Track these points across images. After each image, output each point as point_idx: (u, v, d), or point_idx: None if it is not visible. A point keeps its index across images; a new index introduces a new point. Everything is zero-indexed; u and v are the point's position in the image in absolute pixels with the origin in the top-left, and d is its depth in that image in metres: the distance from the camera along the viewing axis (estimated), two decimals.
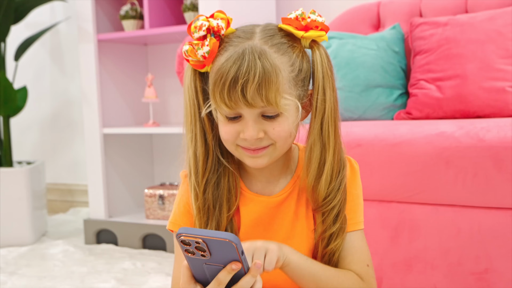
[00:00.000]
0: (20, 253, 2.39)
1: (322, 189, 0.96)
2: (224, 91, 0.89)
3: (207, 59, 0.93)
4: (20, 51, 2.76)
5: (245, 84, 0.87)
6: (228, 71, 0.89)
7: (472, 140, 1.39)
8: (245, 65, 0.88)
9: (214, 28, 0.94)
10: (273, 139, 0.92)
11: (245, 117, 0.91)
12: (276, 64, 0.90)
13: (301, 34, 0.94)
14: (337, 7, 2.43)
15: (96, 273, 2.07)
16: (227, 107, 0.90)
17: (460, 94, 1.80)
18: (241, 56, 0.89)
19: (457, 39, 1.85)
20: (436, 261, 1.46)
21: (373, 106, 1.95)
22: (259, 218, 1.00)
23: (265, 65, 0.88)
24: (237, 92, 0.88)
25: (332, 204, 0.97)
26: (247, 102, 0.88)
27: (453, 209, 1.44)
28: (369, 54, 1.98)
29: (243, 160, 0.96)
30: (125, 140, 2.70)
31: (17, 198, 2.54)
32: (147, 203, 2.49)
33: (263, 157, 0.94)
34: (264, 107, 0.90)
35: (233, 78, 0.88)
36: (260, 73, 0.88)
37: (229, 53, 0.91)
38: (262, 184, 1.01)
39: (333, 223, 0.97)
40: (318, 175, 0.96)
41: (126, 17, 2.53)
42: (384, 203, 1.52)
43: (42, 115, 3.32)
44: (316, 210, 0.98)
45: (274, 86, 0.88)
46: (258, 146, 0.92)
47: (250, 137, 0.91)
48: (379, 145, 1.50)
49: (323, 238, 0.98)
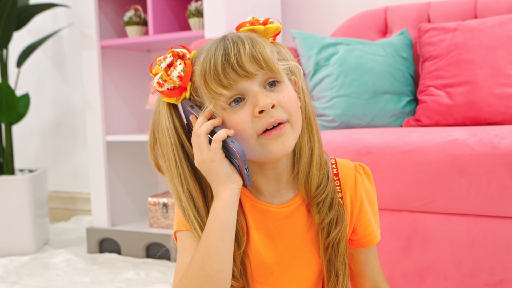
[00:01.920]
0: (22, 262, 2.35)
1: (314, 178, 0.94)
2: (218, 71, 0.85)
3: (184, 79, 0.90)
4: (22, 58, 2.74)
5: (237, 53, 0.85)
6: (214, 53, 0.86)
7: (486, 148, 1.36)
8: (231, 40, 0.87)
9: (179, 53, 0.92)
10: (286, 110, 0.88)
11: (250, 92, 0.87)
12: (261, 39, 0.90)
13: (263, 27, 0.93)
14: (343, 13, 2.40)
15: (99, 283, 2.04)
16: (226, 89, 0.85)
17: (471, 101, 1.77)
18: (222, 40, 0.88)
19: (467, 44, 1.82)
20: (449, 272, 1.43)
21: (381, 113, 1.91)
22: (268, 230, 0.96)
23: (247, 35, 0.88)
24: (232, 65, 0.85)
25: (326, 192, 0.95)
26: (247, 72, 0.85)
27: (466, 219, 1.41)
28: (377, 60, 1.95)
29: (268, 152, 0.89)
30: (129, 147, 2.67)
31: (19, 206, 2.51)
32: (150, 212, 2.46)
33: (287, 136, 0.88)
34: (264, 76, 0.87)
35: (223, 54, 0.85)
36: (249, 43, 0.86)
37: (207, 48, 0.89)
38: (270, 194, 0.97)
39: (329, 210, 0.95)
40: (309, 165, 0.94)
41: (130, 23, 2.51)
42: (395, 212, 1.49)
43: (45, 122, 3.30)
44: (310, 203, 0.96)
45: (267, 48, 0.87)
46: (276, 118, 0.87)
47: (266, 104, 0.85)
48: (389, 152, 1.47)
49: (322, 228, 0.95)
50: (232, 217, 0.88)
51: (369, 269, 1.03)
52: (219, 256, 0.86)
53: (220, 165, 0.88)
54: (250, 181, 0.90)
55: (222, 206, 0.87)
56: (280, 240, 0.96)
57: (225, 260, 0.87)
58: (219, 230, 0.86)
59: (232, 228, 0.88)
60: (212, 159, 0.87)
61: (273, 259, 0.96)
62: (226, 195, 0.88)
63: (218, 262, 0.86)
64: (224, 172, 0.88)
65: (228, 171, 0.88)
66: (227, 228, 0.87)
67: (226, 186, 0.88)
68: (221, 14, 2.13)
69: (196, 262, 0.87)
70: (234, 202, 0.88)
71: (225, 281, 0.87)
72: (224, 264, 0.86)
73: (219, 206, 0.87)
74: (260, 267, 0.95)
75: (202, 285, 0.85)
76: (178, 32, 2.34)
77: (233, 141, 0.88)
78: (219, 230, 0.86)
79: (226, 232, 0.87)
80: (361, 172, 1.00)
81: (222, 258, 0.86)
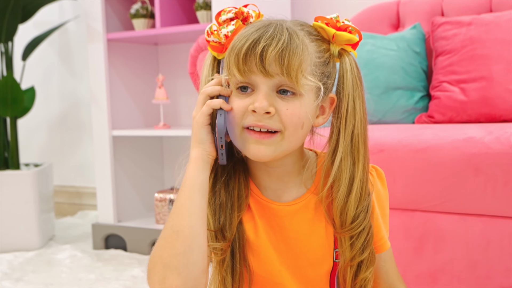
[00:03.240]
0: (27, 258, 2.33)
1: (351, 209, 0.89)
2: (240, 53, 0.82)
3: (229, 40, 0.88)
4: (27, 51, 2.70)
5: (266, 48, 0.81)
6: (249, 34, 0.83)
7: (503, 146, 1.31)
8: (271, 31, 0.82)
9: (244, 13, 0.89)
10: (283, 122, 0.84)
11: (259, 88, 0.84)
12: (305, 41, 0.84)
13: (333, 31, 0.87)
14: (354, 6, 2.35)
15: (104, 281, 2.01)
16: (239, 73, 0.83)
17: (486, 97, 1.72)
18: (267, 24, 0.84)
19: (482, 39, 1.77)
20: (463, 274, 1.38)
21: (393, 109, 1.87)
22: (271, 227, 0.93)
23: (292, 34, 0.83)
24: (255, 55, 0.81)
25: (362, 226, 0.89)
26: (264, 69, 0.81)
27: (481, 219, 1.36)
28: (389, 55, 1.90)
29: (245, 150, 0.87)
30: (135, 142, 2.63)
31: (24, 201, 2.48)
32: (157, 208, 2.43)
33: (268, 146, 0.85)
34: (281, 81, 0.83)
35: (254, 41, 0.82)
36: (285, 41, 0.81)
37: (253, 25, 0.86)
38: (272, 191, 0.94)
39: (363, 249, 0.90)
40: (347, 193, 0.88)
41: (137, 16, 2.47)
42: (408, 212, 1.44)
43: (51, 116, 3.27)
44: (343, 233, 0.90)
45: (298, 58, 0.82)
46: (265, 124, 0.84)
47: (260, 107, 0.83)
48: (402, 150, 1.42)
49: (351, 266, 0.91)
50: (201, 179, 0.86)
51: (383, 272, 1.00)
52: (187, 212, 0.85)
53: (199, 128, 0.87)
54: (223, 159, 0.88)
55: (191, 167, 0.87)
56: (283, 239, 0.93)
57: (193, 217, 0.85)
58: (187, 189, 0.86)
59: (202, 188, 0.86)
60: (197, 120, 0.87)
61: (275, 259, 0.93)
62: (195, 156, 0.87)
63: (186, 219, 0.84)
64: (200, 136, 0.87)
65: (203, 138, 0.87)
66: (196, 187, 0.86)
67: (197, 149, 0.87)
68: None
69: (167, 222, 0.86)
70: (202, 165, 0.87)
71: (195, 236, 0.84)
72: (193, 221, 0.84)
73: (189, 166, 0.87)
74: (267, 262, 0.93)
75: (172, 242, 0.84)
76: (186, 25, 2.30)
77: (221, 114, 0.87)
78: (187, 189, 0.86)
79: (194, 191, 0.85)
80: (374, 174, 0.96)
81: (191, 215, 0.85)
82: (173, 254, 0.83)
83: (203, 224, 0.86)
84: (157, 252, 0.85)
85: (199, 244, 0.84)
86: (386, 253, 0.99)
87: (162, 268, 0.83)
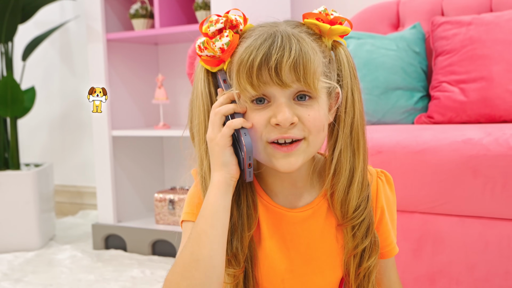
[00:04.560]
0: (27, 259, 2.33)
1: (353, 200, 0.88)
2: (252, 70, 0.80)
3: (225, 53, 0.85)
4: (27, 51, 2.70)
5: (280, 60, 0.79)
6: (258, 48, 0.80)
7: (502, 148, 1.30)
8: (279, 41, 0.80)
9: (233, 22, 0.86)
10: (307, 128, 0.83)
11: (277, 99, 0.82)
12: (312, 44, 0.82)
13: (328, 27, 0.86)
14: (354, 6, 2.34)
15: (103, 281, 2.00)
16: (253, 88, 0.81)
17: (486, 98, 1.71)
18: (272, 35, 0.81)
19: (482, 39, 1.76)
20: (461, 276, 1.38)
21: (393, 109, 1.86)
22: (281, 234, 0.92)
23: (301, 41, 0.81)
24: (269, 69, 0.79)
25: (363, 216, 0.89)
26: (281, 81, 0.79)
27: (480, 221, 1.35)
28: (389, 55, 1.89)
29: (273, 164, 0.85)
30: (135, 142, 2.63)
31: (24, 201, 2.48)
32: (157, 208, 2.42)
33: (297, 156, 0.84)
34: (297, 88, 0.81)
35: (265, 55, 0.79)
36: (296, 49, 0.80)
37: (255, 35, 0.83)
38: (285, 197, 0.92)
39: (365, 237, 0.90)
40: (348, 184, 0.88)
41: (136, 16, 2.46)
42: (406, 213, 1.44)
43: (52, 115, 3.26)
44: (344, 224, 0.90)
45: (312, 64, 0.80)
46: (291, 135, 0.82)
47: (284, 119, 0.81)
48: (401, 152, 1.41)
49: (354, 254, 0.90)
50: (224, 205, 0.84)
51: (386, 278, 1.00)
52: (209, 241, 0.82)
53: (222, 151, 0.84)
54: (250, 177, 0.86)
55: (214, 192, 0.84)
56: (294, 246, 0.92)
57: (215, 246, 0.83)
58: (209, 215, 0.83)
59: (224, 215, 0.84)
60: (217, 143, 0.84)
61: (284, 265, 0.92)
62: (218, 180, 0.84)
63: (207, 247, 0.82)
64: (223, 159, 0.85)
65: (227, 160, 0.85)
66: (218, 214, 0.84)
67: (220, 173, 0.85)
68: (228, 7, 2.08)
69: (186, 248, 0.84)
70: (225, 190, 0.85)
71: (216, 267, 0.83)
72: (214, 251, 0.82)
73: (211, 191, 0.85)
74: (271, 273, 0.91)
75: (191, 271, 0.82)
76: (185, 25, 2.29)
77: (246, 133, 0.84)
78: (209, 215, 0.84)
79: (217, 218, 0.83)
80: (383, 179, 0.96)
81: (212, 243, 0.83)
82: (192, 284, 0.81)
83: (223, 253, 0.84)
84: (174, 279, 0.83)
85: (218, 274, 0.83)
86: (392, 259, 0.99)
87: None
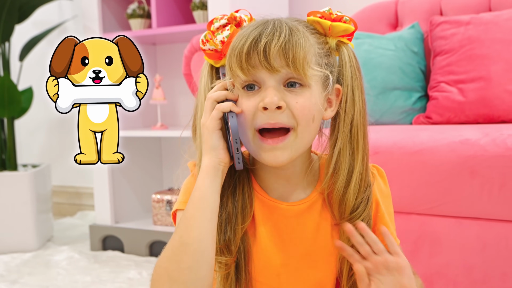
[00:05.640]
0: (24, 260, 2.31)
1: (350, 200, 0.87)
2: (242, 53, 0.80)
3: (226, 45, 0.86)
4: (24, 51, 2.69)
5: (268, 44, 0.79)
6: (249, 33, 0.81)
7: (499, 149, 1.29)
8: (270, 26, 0.81)
9: (237, 18, 0.87)
10: (295, 116, 0.82)
11: (266, 84, 0.82)
12: (305, 33, 0.82)
13: (329, 23, 0.86)
14: (352, 5, 2.33)
15: (100, 283, 1.99)
16: (243, 72, 0.81)
17: (484, 98, 1.70)
18: (264, 22, 0.82)
19: (481, 39, 1.75)
20: (459, 278, 1.36)
21: (391, 110, 1.85)
22: (276, 228, 0.91)
23: (292, 27, 0.81)
24: (258, 52, 0.79)
25: (361, 217, 0.88)
26: (269, 64, 0.80)
27: (478, 223, 1.34)
28: (387, 55, 1.88)
29: (259, 156, 0.85)
30: (133, 143, 2.62)
31: (22, 202, 2.47)
32: (154, 209, 2.41)
33: (284, 150, 0.84)
34: (288, 74, 0.81)
35: (255, 38, 0.80)
36: (286, 34, 0.80)
37: (250, 25, 0.84)
38: (279, 193, 0.92)
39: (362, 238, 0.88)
40: (346, 184, 0.87)
41: (133, 16, 2.45)
42: (403, 214, 1.42)
43: (50, 116, 3.25)
44: (341, 224, 0.89)
45: (302, 49, 0.80)
46: (278, 121, 0.82)
47: (270, 102, 0.81)
48: (398, 152, 1.40)
49: None
50: (212, 189, 0.84)
51: None
52: (196, 225, 0.82)
53: (210, 134, 0.85)
54: (240, 163, 0.85)
55: (202, 177, 0.85)
56: (289, 240, 0.91)
57: (203, 230, 0.82)
58: (198, 200, 0.84)
59: (212, 200, 0.84)
60: (207, 126, 0.85)
61: (280, 260, 0.91)
62: (206, 165, 0.85)
63: (195, 231, 0.82)
64: (211, 142, 0.85)
65: (215, 144, 0.85)
66: (206, 199, 0.84)
67: (209, 156, 0.85)
68: (225, 7, 2.07)
69: (176, 233, 0.84)
70: (213, 175, 0.84)
71: (204, 252, 0.82)
72: (203, 234, 0.82)
73: (199, 176, 0.85)
74: (266, 267, 0.91)
75: (180, 255, 0.82)
76: (182, 25, 2.28)
77: (233, 117, 0.84)
78: (197, 200, 0.84)
79: (205, 203, 0.83)
80: (375, 173, 0.95)
81: (200, 227, 0.82)
82: (180, 268, 0.81)
83: (213, 238, 0.83)
84: (163, 263, 0.83)
85: (207, 258, 0.82)
86: None
87: (167, 281, 0.81)
